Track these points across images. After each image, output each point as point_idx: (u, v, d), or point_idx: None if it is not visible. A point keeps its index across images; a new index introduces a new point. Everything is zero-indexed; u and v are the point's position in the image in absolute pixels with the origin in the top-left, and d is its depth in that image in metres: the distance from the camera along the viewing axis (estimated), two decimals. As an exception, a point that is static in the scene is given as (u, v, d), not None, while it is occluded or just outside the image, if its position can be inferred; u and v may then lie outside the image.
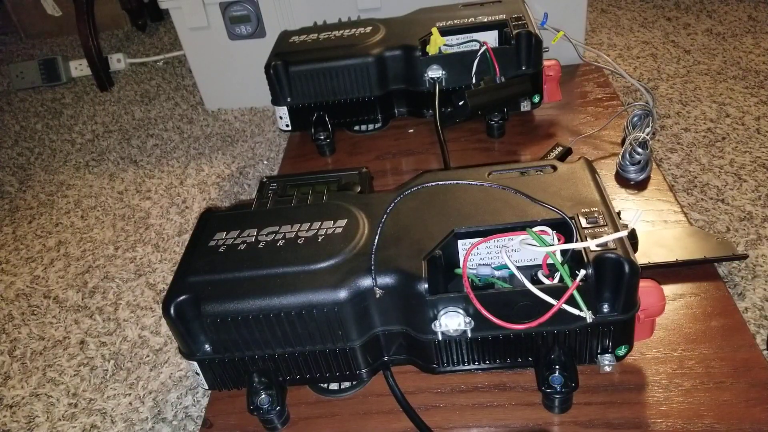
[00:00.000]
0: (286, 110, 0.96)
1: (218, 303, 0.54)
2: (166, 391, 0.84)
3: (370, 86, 0.93)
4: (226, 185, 1.25)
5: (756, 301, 0.80)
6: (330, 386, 0.62)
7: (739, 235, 0.91)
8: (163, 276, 1.04)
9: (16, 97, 1.81)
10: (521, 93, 0.90)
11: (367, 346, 0.57)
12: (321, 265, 0.55)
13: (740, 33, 1.49)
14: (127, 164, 1.39)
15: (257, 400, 0.57)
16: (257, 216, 0.63)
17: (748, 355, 0.58)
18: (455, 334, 0.54)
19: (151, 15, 2.12)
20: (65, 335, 0.96)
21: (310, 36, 0.99)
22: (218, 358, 0.57)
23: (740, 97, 1.23)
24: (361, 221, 0.59)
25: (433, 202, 0.60)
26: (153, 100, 1.65)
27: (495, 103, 0.89)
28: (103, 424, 0.81)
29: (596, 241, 0.50)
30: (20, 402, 0.86)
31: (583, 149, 0.88)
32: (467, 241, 0.56)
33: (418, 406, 0.58)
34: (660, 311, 0.55)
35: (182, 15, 1.38)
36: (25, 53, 2.12)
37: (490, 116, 0.92)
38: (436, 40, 0.90)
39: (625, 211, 0.58)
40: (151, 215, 1.20)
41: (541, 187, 0.58)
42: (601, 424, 0.54)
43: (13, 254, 1.16)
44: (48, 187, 1.36)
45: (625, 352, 0.55)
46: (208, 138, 1.43)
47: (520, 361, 0.57)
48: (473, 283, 0.54)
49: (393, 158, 0.95)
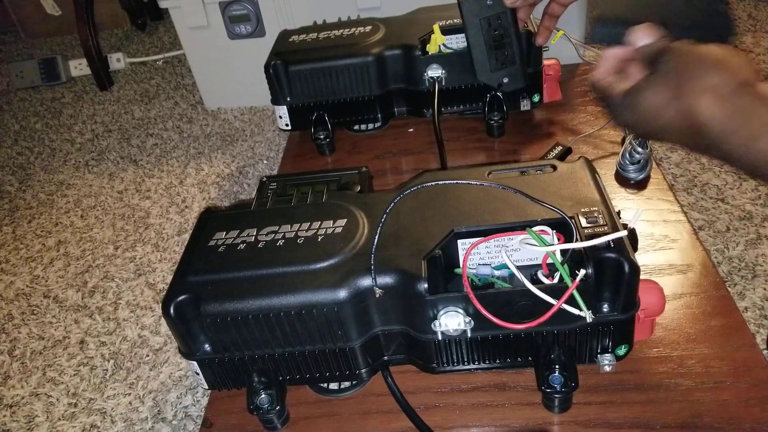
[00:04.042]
0: (286, 110, 0.96)
1: (218, 303, 0.54)
2: (166, 390, 0.84)
3: (369, 85, 0.93)
4: (225, 185, 1.25)
5: (756, 300, 0.80)
6: (330, 386, 0.62)
7: (739, 234, 0.91)
8: (162, 275, 1.04)
9: (15, 97, 1.81)
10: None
11: (366, 345, 0.57)
12: (321, 264, 0.55)
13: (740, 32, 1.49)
14: (126, 164, 1.39)
15: (257, 399, 0.57)
16: (257, 216, 0.63)
17: (748, 355, 0.58)
18: (455, 334, 0.54)
19: (150, 14, 2.12)
20: (65, 335, 0.96)
21: (309, 35, 0.99)
22: (218, 358, 0.57)
23: (740, 96, 1.23)
24: (360, 221, 0.59)
25: (432, 201, 0.60)
26: (153, 100, 1.65)
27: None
28: (103, 423, 0.81)
29: (596, 240, 0.50)
30: (20, 402, 0.86)
31: (583, 149, 0.88)
32: (467, 241, 0.56)
33: (417, 406, 0.57)
34: (660, 311, 0.54)
35: (182, 14, 1.38)
36: (24, 53, 2.12)
37: (490, 116, 0.92)
38: (437, 38, 0.89)
39: (625, 211, 0.58)
40: (150, 215, 1.20)
41: (541, 187, 0.58)
42: (601, 424, 0.54)
43: (12, 254, 1.16)
44: (48, 187, 1.36)
45: (625, 351, 0.55)
46: (208, 137, 1.43)
47: (520, 360, 0.57)
48: (473, 282, 0.54)
49: (393, 158, 0.94)
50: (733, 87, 0.44)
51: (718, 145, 0.45)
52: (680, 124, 0.47)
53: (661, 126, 0.48)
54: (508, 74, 0.87)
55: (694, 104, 0.45)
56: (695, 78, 0.46)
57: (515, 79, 0.87)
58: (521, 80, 0.87)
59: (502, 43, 0.84)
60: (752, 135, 0.43)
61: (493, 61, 0.85)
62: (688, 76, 0.46)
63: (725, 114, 0.44)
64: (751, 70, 0.46)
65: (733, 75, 0.45)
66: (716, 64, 0.46)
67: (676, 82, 0.47)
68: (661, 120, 0.48)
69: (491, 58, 0.85)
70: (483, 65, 0.86)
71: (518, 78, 0.87)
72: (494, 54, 0.85)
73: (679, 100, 0.46)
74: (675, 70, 0.47)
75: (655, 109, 0.48)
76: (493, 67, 0.86)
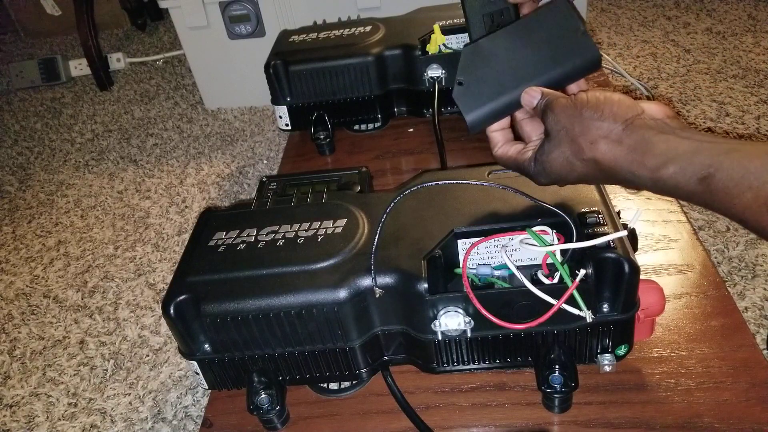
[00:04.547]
0: (286, 109, 0.96)
1: (218, 303, 0.54)
2: (166, 390, 0.84)
3: (369, 85, 0.93)
4: (225, 185, 1.25)
5: (756, 300, 0.80)
6: (330, 386, 0.62)
7: (739, 234, 0.91)
8: (162, 275, 1.04)
9: (15, 97, 1.81)
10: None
11: (366, 345, 0.57)
12: (321, 264, 0.55)
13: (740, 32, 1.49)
14: (126, 164, 1.39)
15: (257, 399, 0.57)
16: (257, 216, 0.63)
17: (748, 355, 0.58)
18: (455, 334, 0.54)
19: (150, 14, 2.12)
20: (65, 335, 0.96)
21: (309, 35, 0.99)
22: (218, 358, 0.57)
23: (740, 96, 1.23)
24: (360, 221, 0.59)
25: (432, 201, 0.60)
26: (153, 100, 1.65)
27: None
28: (103, 423, 0.81)
29: (596, 240, 0.50)
30: (20, 402, 0.86)
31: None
32: (467, 241, 0.56)
33: (417, 405, 0.57)
34: (660, 311, 0.54)
35: (182, 14, 1.38)
36: (24, 53, 2.12)
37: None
38: (437, 38, 0.89)
39: (625, 211, 0.58)
40: (150, 215, 1.20)
41: (541, 187, 0.58)
42: (601, 424, 0.54)
43: (12, 254, 1.16)
44: (48, 187, 1.36)
45: (625, 351, 0.55)
46: (208, 137, 1.43)
47: (520, 360, 0.57)
48: (473, 282, 0.54)
49: (393, 157, 0.94)
50: (620, 127, 0.46)
51: (631, 180, 0.46)
52: (592, 171, 0.48)
53: (577, 176, 0.50)
54: None
55: (594, 155, 0.47)
56: (584, 130, 0.47)
57: None
58: None
59: (503, 20, 0.83)
60: (654, 166, 0.44)
61: None
62: (577, 131, 0.48)
63: (624, 153, 0.46)
64: (631, 104, 0.47)
65: (615, 116, 0.46)
66: (596, 111, 0.47)
67: (569, 139, 0.48)
68: (575, 172, 0.49)
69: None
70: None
71: None
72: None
73: (581, 154, 0.48)
74: (564, 129, 0.49)
75: (565, 167, 0.50)
76: None
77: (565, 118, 0.49)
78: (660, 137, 0.44)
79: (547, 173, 0.51)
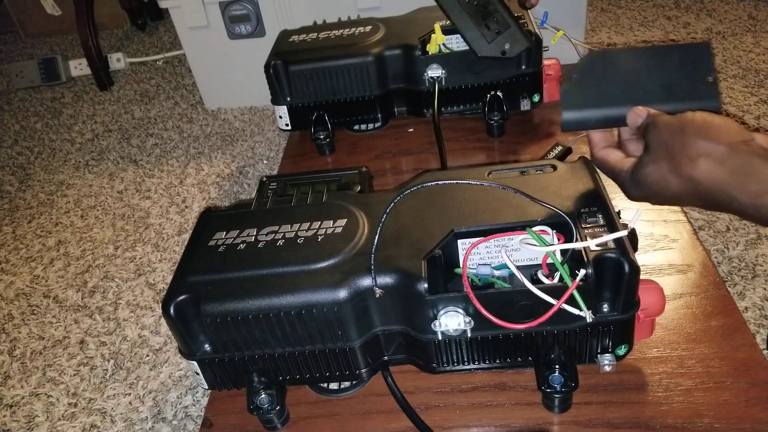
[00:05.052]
0: (286, 109, 0.96)
1: (218, 303, 0.54)
2: (166, 390, 0.84)
3: (369, 85, 0.93)
4: (225, 184, 1.25)
5: (756, 300, 0.80)
6: (330, 386, 0.62)
7: (739, 234, 0.91)
8: (162, 275, 1.04)
9: (15, 97, 1.81)
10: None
11: (366, 345, 0.57)
12: (321, 264, 0.55)
13: (740, 32, 1.49)
14: (126, 164, 1.39)
15: (257, 399, 0.57)
16: (257, 216, 0.63)
17: (748, 355, 0.58)
18: (455, 334, 0.54)
19: (150, 14, 2.12)
20: (65, 335, 0.96)
21: (309, 35, 0.99)
22: (218, 358, 0.57)
23: (740, 96, 1.23)
24: (360, 221, 0.59)
25: (432, 201, 0.60)
26: (153, 100, 1.65)
27: None
28: (103, 423, 0.81)
29: (596, 240, 0.50)
30: (20, 402, 0.86)
31: (583, 149, 0.88)
32: (467, 241, 0.56)
33: (417, 405, 0.57)
34: (660, 311, 0.54)
35: (182, 14, 1.38)
36: (24, 52, 2.12)
37: (491, 116, 0.92)
38: (437, 38, 0.89)
39: (625, 211, 0.58)
40: (150, 215, 1.20)
41: (541, 187, 0.58)
42: (601, 424, 0.54)
43: (12, 254, 1.16)
44: (48, 187, 1.36)
45: (625, 351, 0.55)
46: (208, 137, 1.43)
47: (520, 360, 0.57)
48: (473, 282, 0.54)
49: (393, 158, 0.94)
50: (725, 149, 0.46)
51: (728, 204, 0.46)
52: (688, 190, 0.48)
53: (671, 195, 0.50)
54: (507, 39, 0.83)
55: (692, 171, 0.47)
56: (686, 147, 0.47)
57: (516, 41, 0.84)
58: (523, 40, 0.84)
59: (488, 11, 0.82)
60: (756, 192, 0.44)
61: (486, 31, 0.83)
62: (678, 147, 0.48)
63: (725, 175, 0.45)
64: (739, 129, 0.47)
65: (720, 137, 0.46)
66: (700, 129, 0.47)
67: (669, 154, 0.48)
68: (669, 190, 0.49)
69: (483, 30, 0.82)
70: (478, 41, 0.83)
71: (519, 39, 0.84)
72: (484, 25, 0.82)
73: (678, 170, 0.48)
74: (665, 144, 0.49)
75: (660, 182, 0.50)
76: (489, 37, 0.83)
77: (667, 134, 0.49)
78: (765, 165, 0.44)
79: (641, 187, 0.51)
